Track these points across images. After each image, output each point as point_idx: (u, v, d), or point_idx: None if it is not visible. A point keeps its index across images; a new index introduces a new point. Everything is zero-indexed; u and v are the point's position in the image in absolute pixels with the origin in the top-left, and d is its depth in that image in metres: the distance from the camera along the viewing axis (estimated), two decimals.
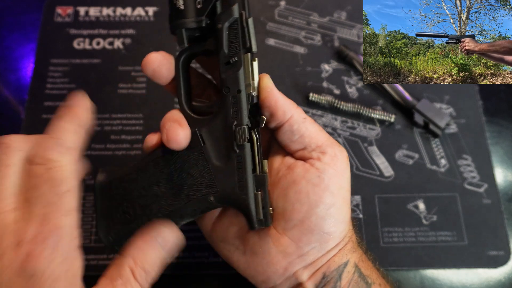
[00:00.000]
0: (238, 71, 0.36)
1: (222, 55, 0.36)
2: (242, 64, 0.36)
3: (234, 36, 0.36)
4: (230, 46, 0.36)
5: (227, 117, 0.36)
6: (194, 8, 0.36)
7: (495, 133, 0.59)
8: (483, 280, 0.51)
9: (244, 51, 0.36)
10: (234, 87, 0.36)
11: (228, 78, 0.36)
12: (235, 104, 0.36)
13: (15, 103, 0.60)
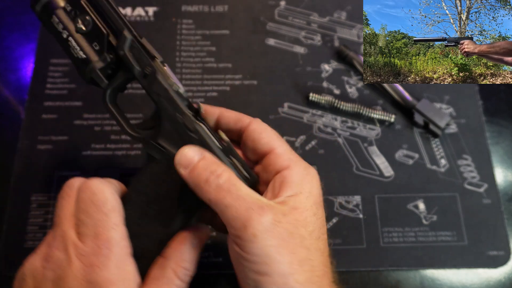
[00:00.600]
0: (156, 75, 0.38)
1: (137, 73, 0.39)
2: (156, 69, 0.39)
3: (138, 53, 0.39)
4: (139, 62, 0.39)
5: (170, 116, 0.38)
6: (94, 51, 0.40)
7: (495, 133, 0.59)
8: (483, 280, 0.51)
9: (152, 60, 0.39)
10: (161, 90, 0.38)
11: (152, 85, 0.39)
12: (170, 102, 0.38)
13: (15, 103, 0.60)
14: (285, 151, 0.39)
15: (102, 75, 0.40)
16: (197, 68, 0.62)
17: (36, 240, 0.51)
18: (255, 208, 0.34)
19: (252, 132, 0.40)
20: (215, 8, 0.66)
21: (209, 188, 0.35)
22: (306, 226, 0.36)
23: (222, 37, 0.64)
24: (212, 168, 0.36)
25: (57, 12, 0.40)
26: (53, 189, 0.54)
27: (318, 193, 0.38)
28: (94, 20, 0.40)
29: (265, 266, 0.33)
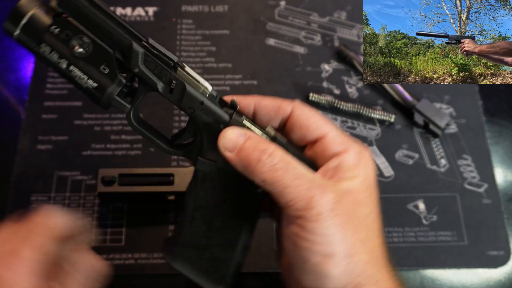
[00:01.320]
0: (186, 89, 0.34)
1: (162, 90, 0.35)
2: (183, 81, 0.35)
3: (154, 65, 0.34)
4: (159, 75, 0.34)
5: (211, 129, 0.35)
6: (105, 76, 0.34)
7: (495, 133, 0.59)
8: (483, 280, 0.51)
9: (173, 70, 0.35)
10: (194, 103, 0.35)
11: (183, 100, 0.35)
12: (208, 113, 0.35)
13: (15, 103, 0.60)
14: (338, 135, 0.37)
15: (122, 100, 0.35)
16: (197, 68, 0.62)
17: None
18: (316, 187, 0.33)
19: (299, 118, 0.38)
20: (215, 8, 0.66)
21: (262, 168, 0.33)
22: (364, 207, 0.35)
23: (222, 37, 0.64)
24: (262, 147, 0.34)
25: (46, 37, 0.33)
26: (53, 189, 0.54)
27: (373, 177, 0.37)
28: (93, 40, 0.34)
29: (330, 246, 0.33)
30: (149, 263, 0.51)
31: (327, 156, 0.36)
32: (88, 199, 0.54)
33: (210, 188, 0.37)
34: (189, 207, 0.38)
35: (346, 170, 0.35)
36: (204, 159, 0.36)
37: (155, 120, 0.58)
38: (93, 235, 0.43)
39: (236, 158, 0.34)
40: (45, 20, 0.33)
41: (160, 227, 0.52)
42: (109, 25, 0.33)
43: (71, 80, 0.35)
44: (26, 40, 0.34)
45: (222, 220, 0.38)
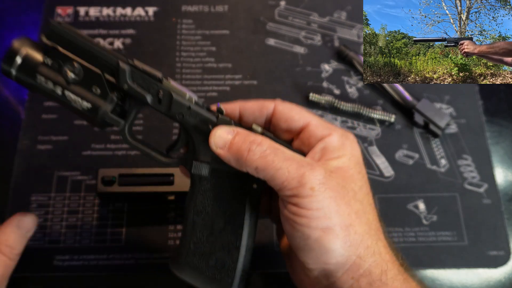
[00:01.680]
0: (173, 97, 0.37)
1: (151, 102, 0.38)
2: (169, 90, 0.37)
3: (142, 79, 0.37)
4: (147, 88, 0.37)
5: (201, 131, 0.38)
6: (97, 96, 0.37)
7: (495, 133, 0.59)
8: (483, 280, 0.51)
9: (159, 82, 0.37)
10: (182, 109, 0.37)
11: (171, 108, 0.37)
12: (196, 117, 0.37)
13: (15, 103, 0.60)
14: (320, 122, 0.39)
15: (116, 117, 0.38)
16: (197, 68, 0.62)
17: (36, 240, 0.51)
18: (306, 165, 0.35)
19: (282, 113, 0.40)
20: (215, 8, 0.66)
21: (253, 156, 0.35)
22: (354, 182, 0.37)
23: (222, 37, 0.64)
24: (251, 139, 0.36)
25: (40, 70, 0.37)
26: (53, 189, 0.54)
27: (359, 155, 0.39)
28: (83, 65, 0.37)
29: (327, 220, 0.34)
30: (149, 263, 0.51)
31: (313, 142, 0.38)
32: (88, 199, 0.54)
33: (207, 190, 0.38)
34: (190, 214, 0.39)
35: (332, 151, 0.37)
36: (198, 162, 0.38)
37: (155, 120, 0.58)
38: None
39: (227, 154, 0.36)
40: (37, 56, 0.37)
41: (160, 227, 0.52)
42: (95, 49, 0.37)
43: (67, 105, 0.38)
44: (23, 77, 0.37)
45: (222, 221, 0.38)
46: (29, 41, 0.38)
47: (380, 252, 0.36)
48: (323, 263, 0.35)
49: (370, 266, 0.35)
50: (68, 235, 0.52)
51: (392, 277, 0.35)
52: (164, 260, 0.51)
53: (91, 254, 0.51)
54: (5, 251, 0.44)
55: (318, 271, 0.36)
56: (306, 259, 0.35)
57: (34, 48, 0.37)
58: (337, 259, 0.34)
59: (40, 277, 0.50)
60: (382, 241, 0.37)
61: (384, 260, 0.36)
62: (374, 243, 0.36)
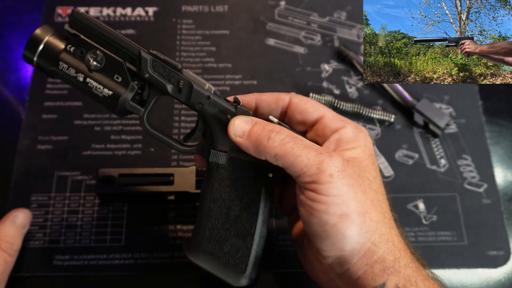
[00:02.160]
0: (193, 87, 0.38)
1: (171, 91, 0.39)
2: (189, 80, 0.38)
3: (162, 69, 0.38)
4: (168, 78, 0.38)
5: (220, 120, 0.39)
6: (118, 84, 0.38)
7: (495, 133, 0.59)
8: (483, 280, 0.51)
9: (179, 72, 0.39)
10: (202, 99, 0.38)
11: (191, 97, 0.38)
12: (215, 106, 0.38)
13: (15, 103, 0.60)
14: (334, 115, 0.41)
15: (136, 105, 0.39)
16: (197, 68, 0.62)
17: (36, 240, 0.51)
18: (324, 153, 0.36)
19: (297, 105, 0.41)
20: (215, 8, 0.66)
21: (273, 144, 0.36)
22: (369, 172, 0.38)
23: (222, 37, 0.64)
24: (269, 127, 0.37)
25: (62, 57, 0.38)
26: (53, 189, 0.54)
27: (371, 147, 0.40)
28: (105, 53, 0.38)
29: (344, 206, 0.35)
30: (149, 263, 0.51)
31: (328, 133, 0.40)
32: (88, 199, 0.54)
33: (224, 178, 0.40)
34: (206, 201, 0.40)
35: (346, 142, 0.39)
36: (216, 150, 0.39)
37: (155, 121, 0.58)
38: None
39: (247, 142, 0.38)
40: (59, 44, 0.38)
41: (160, 227, 0.52)
42: (118, 38, 0.38)
43: (88, 92, 0.39)
44: (44, 64, 0.38)
45: (238, 209, 0.40)
46: (51, 29, 0.39)
47: (393, 240, 0.36)
48: (339, 250, 0.36)
49: (384, 253, 0.36)
50: (68, 235, 0.52)
51: (404, 265, 0.36)
52: (164, 260, 0.51)
53: (91, 254, 0.51)
54: (5, 247, 0.44)
55: (333, 258, 0.36)
56: (322, 246, 0.36)
57: (56, 36, 0.38)
58: (353, 246, 0.35)
59: (40, 277, 0.50)
60: (395, 229, 0.38)
61: (397, 248, 0.36)
62: (388, 231, 0.36)
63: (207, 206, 0.40)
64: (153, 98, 0.40)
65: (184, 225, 0.53)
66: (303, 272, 0.43)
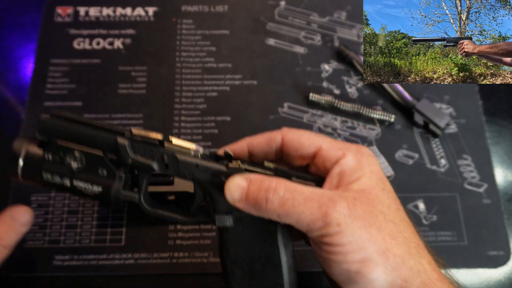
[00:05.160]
0: (178, 159, 0.37)
1: (157, 168, 0.37)
2: (173, 152, 0.37)
3: (143, 149, 0.37)
4: (150, 156, 0.37)
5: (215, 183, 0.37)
6: (105, 178, 0.37)
7: (495, 133, 0.59)
8: (483, 280, 0.51)
9: (161, 147, 0.37)
10: (191, 168, 0.37)
11: (179, 169, 0.37)
12: (206, 172, 0.37)
13: (15, 103, 0.60)
14: (332, 144, 0.38)
15: (129, 193, 0.38)
16: (197, 68, 0.62)
17: (36, 240, 0.51)
18: (327, 202, 0.34)
19: (291, 142, 0.39)
20: (215, 8, 0.66)
21: (272, 205, 0.34)
22: (381, 202, 0.35)
23: (222, 37, 0.64)
24: (265, 186, 0.35)
25: (44, 166, 0.37)
26: None
27: (378, 170, 0.37)
28: (83, 151, 0.37)
29: (362, 250, 0.33)
30: (149, 263, 0.51)
31: (329, 166, 0.37)
32: (88, 199, 0.54)
33: (236, 238, 0.38)
34: (226, 265, 0.39)
35: (349, 173, 0.36)
36: (220, 215, 0.38)
37: (155, 120, 0.58)
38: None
39: (246, 206, 0.36)
40: (38, 153, 0.37)
41: (160, 227, 0.52)
42: (90, 132, 0.36)
43: (79, 194, 0.38)
44: (31, 176, 0.37)
45: (260, 264, 0.38)
46: (27, 140, 0.38)
47: (425, 271, 0.34)
48: None
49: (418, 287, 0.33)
50: (68, 235, 0.52)
51: None
52: (164, 260, 0.51)
53: (91, 254, 0.51)
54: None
55: None
56: None
57: (33, 146, 0.37)
58: (382, 287, 0.33)
59: (40, 277, 0.50)
60: (425, 258, 0.35)
61: (431, 279, 0.34)
62: (417, 262, 0.34)
63: (229, 270, 0.39)
64: (143, 179, 0.38)
65: (184, 225, 0.53)
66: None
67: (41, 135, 0.37)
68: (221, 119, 0.59)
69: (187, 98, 0.60)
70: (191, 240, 0.52)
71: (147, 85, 0.60)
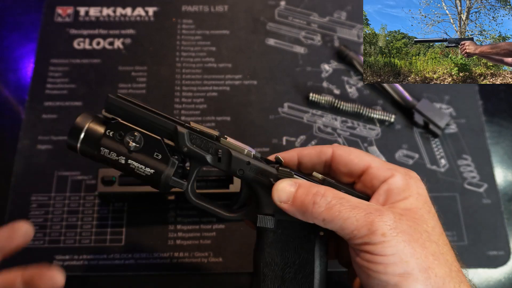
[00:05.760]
0: (231, 155, 0.38)
1: (211, 161, 0.38)
2: (227, 148, 0.38)
3: (200, 140, 0.38)
4: (206, 149, 0.38)
5: (264, 184, 0.38)
6: (159, 161, 0.39)
7: (495, 133, 0.59)
8: (483, 280, 0.51)
9: (217, 141, 0.39)
10: (242, 165, 0.38)
11: (231, 165, 0.38)
12: (256, 171, 0.38)
13: (15, 103, 0.60)
14: (381, 163, 0.39)
15: (179, 179, 0.39)
16: (197, 68, 0.62)
17: (36, 240, 0.51)
18: (374, 212, 0.34)
19: (341, 157, 0.40)
20: (215, 8, 0.66)
21: (319, 209, 0.35)
22: (426, 223, 0.35)
23: (222, 37, 0.64)
24: (314, 191, 0.36)
25: (103, 142, 0.39)
26: (53, 189, 0.54)
27: (425, 194, 0.38)
28: (143, 133, 0.39)
29: (404, 264, 0.33)
30: (149, 263, 0.51)
31: (376, 184, 0.37)
32: (88, 199, 0.54)
33: (274, 241, 0.38)
34: (259, 266, 0.39)
35: (397, 192, 0.36)
36: (262, 215, 0.38)
37: None
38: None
39: (292, 208, 0.36)
40: (99, 129, 0.39)
41: (160, 227, 0.52)
42: (153, 117, 0.39)
43: (131, 173, 0.39)
44: (88, 149, 0.39)
45: (292, 271, 0.38)
46: (91, 115, 0.40)
47: None
48: None
49: None
50: (68, 235, 0.52)
51: None
52: (164, 260, 0.51)
53: (91, 254, 0.51)
54: None
55: None
56: None
57: (96, 122, 0.39)
58: None
59: None
60: (465, 283, 0.34)
61: None
62: (457, 285, 0.33)
63: (260, 271, 0.39)
64: (195, 170, 0.40)
65: (184, 225, 0.53)
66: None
67: (107, 112, 0.39)
68: (221, 119, 0.59)
69: (187, 98, 0.60)
70: (191, 240, 0.52)
71: (147, 85, 0.60)
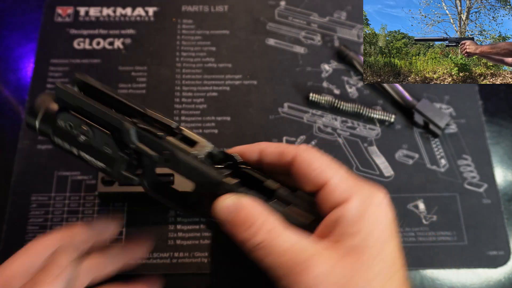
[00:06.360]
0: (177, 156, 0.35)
1: (159, 161, 0.36)
2: (173, 149, 0.35)
3: (147, 138, 0.36)
4: (154, 148, 0.35)
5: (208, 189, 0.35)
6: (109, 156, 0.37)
7: (495, 133, 0.59)
8: (483, 280, 0.51)
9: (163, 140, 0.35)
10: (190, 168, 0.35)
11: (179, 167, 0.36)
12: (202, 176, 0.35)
13: (15, 103, 0.60)
14: (341, 181, 0.33)
15: (129, 174, 0.37)
16: (197, 68, 0.62)
17: None
18: (303, 262, 0.29)
19: (301, 165, 0.34)
20: (215, 8, 0.66)
21: (249, 247, 0.31)
22: (370, 268, 0.30)
23: (222, 37, 0.64)
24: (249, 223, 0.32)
25: (56, 131, 0.38)
26: (53, 189, 0.54)
27: (384, 227, 0.31)
28: (92, 126, 0.36)
29: None
30: (149, 263, 0.51)
31: (329, 207, 0.32)
32: (88, 199, 0.54)
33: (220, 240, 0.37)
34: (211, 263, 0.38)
35: (347, 224, 0.31)
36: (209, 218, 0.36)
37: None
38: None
39: (229, 230, 0.33)
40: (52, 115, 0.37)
41: (160, 227, 0.52)
42: (100, 112, 0.36)
43: (86, 163, 0.38)
44: (46, 136, 0.38)
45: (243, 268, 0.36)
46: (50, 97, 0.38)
47: None
48: None
49: None
50: None
51: None
52: (164, 260, 0.51)
53: None
54: None
55: None
56: None
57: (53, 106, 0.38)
58: None
59: None
60: None
61: None
62: None
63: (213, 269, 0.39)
64: (149, 165, 0.37)
65: (184, 225, 0.53)
66: None
67: (56, 103, 0.37)
68: (221, 119, 0.59)
69: (187, 98, 0.60)
70: (191, 240, 0.52)
71: (147, 85, 0.60)
